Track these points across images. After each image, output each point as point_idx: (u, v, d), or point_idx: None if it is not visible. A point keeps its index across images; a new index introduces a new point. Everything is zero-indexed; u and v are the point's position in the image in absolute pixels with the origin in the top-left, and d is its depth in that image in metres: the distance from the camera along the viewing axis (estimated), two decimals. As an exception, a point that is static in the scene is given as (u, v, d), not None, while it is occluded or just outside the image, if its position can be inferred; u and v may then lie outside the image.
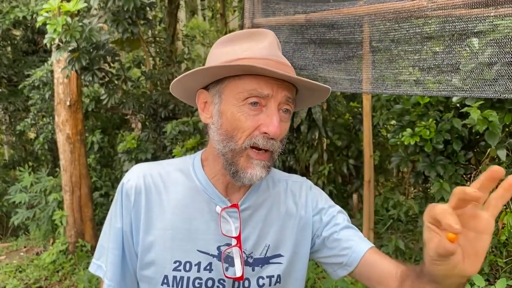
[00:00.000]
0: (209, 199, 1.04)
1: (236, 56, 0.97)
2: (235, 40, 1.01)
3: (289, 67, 1.01)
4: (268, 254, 1.06)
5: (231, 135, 0.96)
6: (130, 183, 1.05)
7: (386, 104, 4.37)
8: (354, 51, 2.64)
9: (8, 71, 8.10)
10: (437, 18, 2.36)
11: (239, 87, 0.95)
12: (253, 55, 0.97)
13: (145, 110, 5.70)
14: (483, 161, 3.58)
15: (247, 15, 2.83)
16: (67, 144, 5.20)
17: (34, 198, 5.89)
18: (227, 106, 0.97)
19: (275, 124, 0.93)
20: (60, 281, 4.82)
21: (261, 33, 1.02)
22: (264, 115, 0.95)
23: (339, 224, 1.10)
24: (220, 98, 0.99)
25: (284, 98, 0.96)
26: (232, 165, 0.98)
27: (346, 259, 1.06)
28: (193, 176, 1.07)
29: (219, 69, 0.95)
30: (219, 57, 0.99)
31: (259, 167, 0.97)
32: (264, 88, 0.94)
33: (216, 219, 1.02)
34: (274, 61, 0.97)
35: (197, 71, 0.97)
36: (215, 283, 1.01)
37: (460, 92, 2.52)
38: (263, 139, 0.95)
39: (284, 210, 1.11)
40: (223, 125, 0.98)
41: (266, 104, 0.95)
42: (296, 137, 5.19)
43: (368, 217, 3.41)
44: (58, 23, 3.86)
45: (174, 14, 6.96)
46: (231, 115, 0.96)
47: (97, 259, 1.09)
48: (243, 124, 0.95)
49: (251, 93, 0.94)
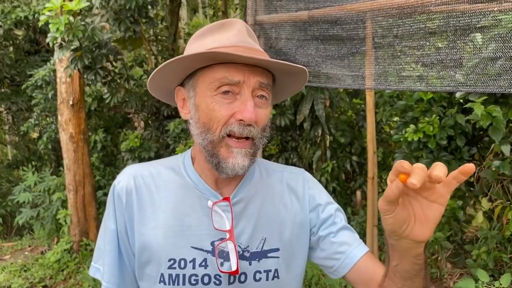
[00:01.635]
0: (201, 195, 1.03)
1: (205, 48, 0.96)
2: (206, 33, 1.01)
3: (260, 52, 0.99)
4: (265, 247, 1.04)
5: (208, 127, 0.96)
6: (120, 184, 1.05)
7: (389, 100, 4.36)
8: (357, 47, 2.64)
9: (10, 71, 8.11)
10: (440, 13, 2.35)
11: (210, 77, 0.95)
12: (222, 44, 0.96)
13: (148, 108, 5.70)
14: (487, 156, 3.56)
15: (249, 12, 2.83)
16: (70, 143, 5.21)
17: (38, 198, 5.90)
18: (201, 98, 0.97)
19: (249, 109, 0.92)
20: (65, 280, 4.84)
21: (230, 23, 1.01)
22: (238, 102, 0.94)
23: (337, 224, 1.09)
24: (195, 91, 0.99)
25: (257, 84, 0.95)
26: (213, 156, 0.97)
27: (338, 264, 1.06)
28: (184, 173, 1.07)
29: (185, 60, 0.94)
30: (190, 52, 0.98)
31: (240, 155, 0.95)
32: (235, 75, 0.93)
33: (209, 214, 1.01)
34: (243, 47, 0.96)
35: (166, 64, 0.96)
36: (212, 279, 1.00)
37: (463, 88, 2.51)
38: (239, 126, 0.94)
39: (280, 202, 1.09)
40: (200, 117, 0.97)
41: (240, 92, 0.94)
42: (299, 135, 5.19)
43: (372, 213, 3.40)
44: (60, 22, 3.86)
45: (175, 12, 6.96)
46: (205, 106, 0.95)
47: (95, 262, 1.09)
48: (217, 114, 0.94)
49: (222, 82, 0.93)
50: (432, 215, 0.77)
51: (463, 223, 3.70)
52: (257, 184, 1.09)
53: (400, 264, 0.88)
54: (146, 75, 5.99)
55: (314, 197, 1.12)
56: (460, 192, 3.61)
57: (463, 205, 3.58)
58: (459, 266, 3.72)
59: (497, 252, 3.32)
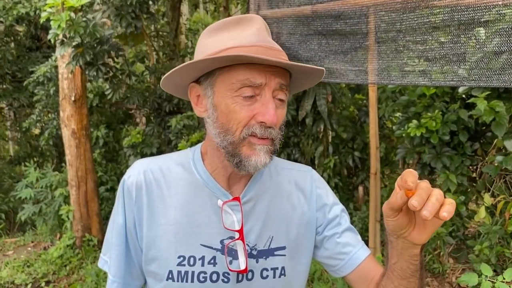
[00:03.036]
0: (211, 193, 1.03)
1: (224, 46, 0.94)
2: (222, 28, 0.98)
3: (280, 51, 0.98)
4: (272, 245, 1.05)
5: (227, 128, 0.94)
6: (131, 179, 1.04)
7: (391, 95, 4.35)
8: (360, 42, 2.63)
9: (12, 67, 8.10)
10: (444, 7, 2.35)
11: (231, 77, 0.93)
12: (241, 43, 0.93)
13: (150, 104, 5.70)
14: (489, 151, 3.56)
15: (252, 7, 2.82)
16: (73, 139, 5.22)
17: (40, 194, 5.91)
18: (220, 98, 0.95)
19: (271, 112, 0.91)
20: (68, 275, 4.85)
21: (248, 19, 0.98)
22: (259, 104, 0.92)
23: (342, 225, 1.11)
24: (213, 90, 0.96)
25: (278, 85, 0.94)
26: (234, 156, 0.95)
27: (341, 264, 1.08)
28: (194, 170, 1.06)
29: (207, 62, 0.92)
30: (207, 48, 0.97)
31: (263, 152, 0.94)
32: (257, 77, 0.91)
33: (218, 212, 1.01)
34: (264, 47, 0.94)
35: (186, 65, 0.94)
36: (220, 276, 1.01)
37: (467, 82, 2.51)
38: (260, 128, 0.93)
39: (288, 201, 1.10)
40: (219, 117, 0.96)
41: (260, 93, 0.93)
42: (301, 130, 5.18)
43: (374, 209, 3.41)
44: (62, 19, 3.85)
45: (177, 7, 6.94)
46: (225, 107, 0.94)
47: (104, 254, 1.10)
48: (238, 115, 0.92)
49: (244, 83, 0.91)
50: (430, 225, 0.83)
51: (466, 218, 3.70)
52: (266, 183, 1.09)
53: (398, 262, 0.92)
54: (147, 71, 5.99)
55: (321, 196, 1.13)
56: (463, 188, 3.61)
57: (465, 201, 3.58)
58: (462, 261, 3.73)
59: (500, 247, 3.31)
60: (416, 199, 0.74)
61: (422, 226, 0.84)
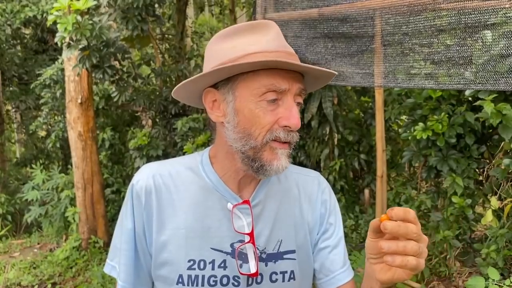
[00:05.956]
0: (221, 197, 1.03)
1: (245, 51, 0.94)
2: (236, 34, 0.98)
3: (297, 56, 1.00)
4: (281, 249, 1.05)
5: (249, 133, 0.94)
6: (140, 184, 1.03)
7: (397, 98, 4.34)
8: (367, 45, 2.63)
9: (18, 70, 8.17)
10: (450, 10, 2.34)
11: (256, 82, 0.93)
12: (262, 49, 0.94)
13: (156, 107, 5.72)
14: (496, 154, 3.54)
15: (259, 10, 2.83)
16: (79, 142, 5.25)
17: (46, 195, 5.95)
18: (243, 103, 0.94)
19: (295, 116, 0.93)
20: (74, 277, 4.87)
21: (264, 24, 0.99)
22: (282, 109, 0.93)
23: (335, 237, 1.12)
24: (234, 95, 0.96)
25: (298, 90, 0.96)
26: (255, 160, 0.96)
27: (324, 280, 1.11)
28: (203, 174, 1.05)
29: (237, 67, 0.92)
30: (225, 53, 0.96)
31: (284, 156, 0.96)
32: (281, 83, 0.92)
33: (228, 216, 1.01)
34: (285, 52, 0.96)
35: (213, 72, 0.93)
36: (230, 280, 1.01)
37: (473, 85, 2.50)
38: (284, 132, 0.94)
39: (296, 205, 1.10)
40: (240, 122, 0.95)
41: (282, 98, 0.94)
42: (307, 133, 5.18)
43: (380, 212, 3.40)
44: (68, 22, 3.88)
45: (182, 10, 6.97)
46: (248, 112, 0.94)
47: (111, 259, 1.09)
48: (262, 120, 0.93)
49: (269, 88, 0.92)
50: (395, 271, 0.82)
51: (472, 222, 3.68)
52: (275, 187, 1.09)
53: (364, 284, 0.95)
54: (153, 73, 6.02)
55: (326, 204, 1.14)
56: (469, 191, 3.60)
57: (472, 204, 3.56)
58: (468, 265, 3.71)
59: (507, 251, 3.29)
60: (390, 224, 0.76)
61: (388, 267, 0.83)
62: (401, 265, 0.76)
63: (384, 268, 0.84)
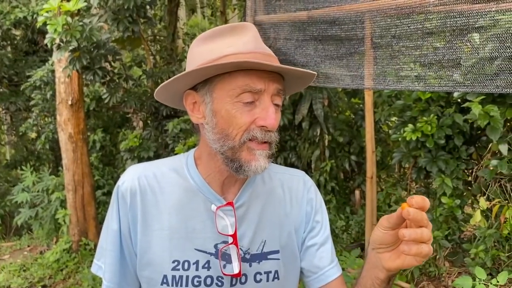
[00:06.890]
0: (205, 198, 1.04)
1: (222, 53, 0.95)
2: (215, 37, 1.00)
3: (274, 57, 1.01)
4: (264, 249, 1.06)
5: (227, 133, 0.96)
6: (125, 185, 1.05)
7: (387, 100, 4.37)
8: (356, 47, 2.65)
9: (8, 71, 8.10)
10: (438, 13, 2.37)
11: (231, 84, 0.94)
12: (239, 50, 0.95)
13: (147, 108, 5.71)
14: (484, 155, 3.58)
15: (249, 13, 2.84)
16: (69, 143, 5.22)
17: (36, 198, 5.90)
18: (220, 104, 0.96)
19: (271, 116, 0.94)
20: (64, 279, 4.84)
21: (242, 27, 1.00)
22: (259, 109, 0.95)
23: (322, 235, 1.13)
24: (212, 97, 0.97)
25: (275, 90, 0.97)
26: (234, 161, 0.97)
27: (313, 277, 1.12)
28: (188, 175, 1.06)
29: (209, 69, 0.93)
30: (203, 56, 0.98)
31: (262, 157, 0.97)
32: (257, 83, 0.93)
33: (212, 217, 1.02)
34: (261, 53, 0.97)
35: (188, 73, 0.95)
36: (214, 280, 1.02)
37: (461, 87, 2.53)
38: (261, 132, 0.95)
39: (280, 206, 1.11)
40: (218, 123, 0.97)
41: (259, 98, 0.95)
42: (298, 134, 5.21)
43: (370, 212, 3.42)
44: (58, 23, 3.86)
45: (174, 12, 6.97)
46: (225, 112, 0.95)
47: (98, 259, 1.10)
48: (238, 120, 0.94)
49: (244, 89, 0.93)
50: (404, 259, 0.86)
51: (461, 222, 3.72)
52: (259, 188, 1.10)
53: (364, 278, 0.96)
54: (145, 75, 6.00)
55: (311, 202, 1.15)
56: (458, 191, 3.63)
57: (461, 204, 3.60)
58: (457, 265, 3.74)
59: (495, 251, 3.33)
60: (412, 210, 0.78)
61: (397, 255, 0.87)
62: (416, 253, 0.79)
63: (393, 256, 0.87)
